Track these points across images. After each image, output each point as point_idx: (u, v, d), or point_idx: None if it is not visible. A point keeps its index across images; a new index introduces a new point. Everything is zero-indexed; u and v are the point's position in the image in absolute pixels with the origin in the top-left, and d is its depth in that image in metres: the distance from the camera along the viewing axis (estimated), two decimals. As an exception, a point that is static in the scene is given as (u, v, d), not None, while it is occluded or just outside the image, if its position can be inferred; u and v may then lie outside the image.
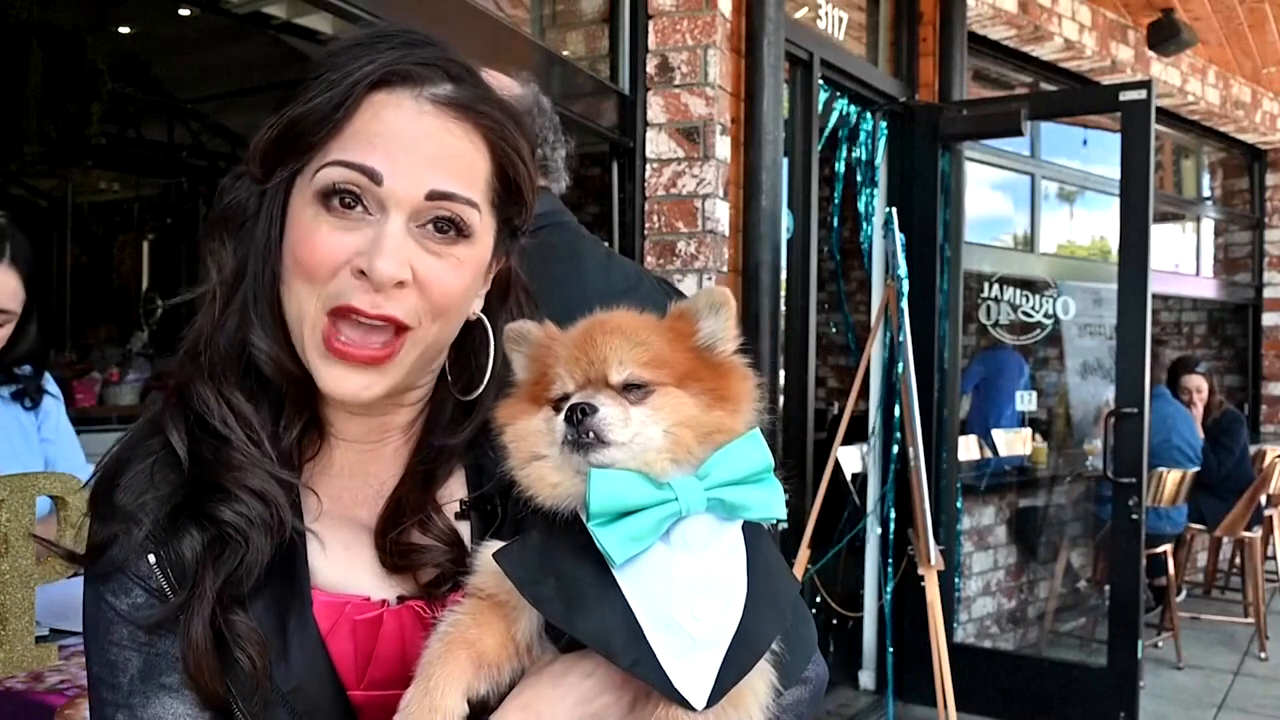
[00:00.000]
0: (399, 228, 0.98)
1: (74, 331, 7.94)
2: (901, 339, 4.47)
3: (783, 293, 4.40)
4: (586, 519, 0.89)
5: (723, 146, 3.86)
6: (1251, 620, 6.66)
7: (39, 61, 5.61)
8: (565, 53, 3.99)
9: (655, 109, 3.86)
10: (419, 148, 0.99)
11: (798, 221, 4.59)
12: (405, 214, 0.98)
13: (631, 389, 0.93)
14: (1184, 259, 8.85)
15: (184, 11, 6.11)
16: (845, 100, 5.14)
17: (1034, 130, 6.37)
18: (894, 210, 4.72)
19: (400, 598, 1.05)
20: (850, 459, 5.26)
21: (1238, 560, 7.57)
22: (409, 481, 1.08)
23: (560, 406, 0.93)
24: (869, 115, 5.28)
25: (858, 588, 5.39)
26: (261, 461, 1.01)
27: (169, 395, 1.06)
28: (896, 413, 4.77)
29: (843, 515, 5.25)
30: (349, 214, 0.98)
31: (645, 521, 0.89)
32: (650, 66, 3.86)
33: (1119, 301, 4.80)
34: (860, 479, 5.32)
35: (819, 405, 6.11)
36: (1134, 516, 4.76)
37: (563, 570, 0.91)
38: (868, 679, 5.40)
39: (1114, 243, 5.13)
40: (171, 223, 8.82)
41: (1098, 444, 5.78)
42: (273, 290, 1.02)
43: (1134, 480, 4.75)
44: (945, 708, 4.23)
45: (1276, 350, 8.90)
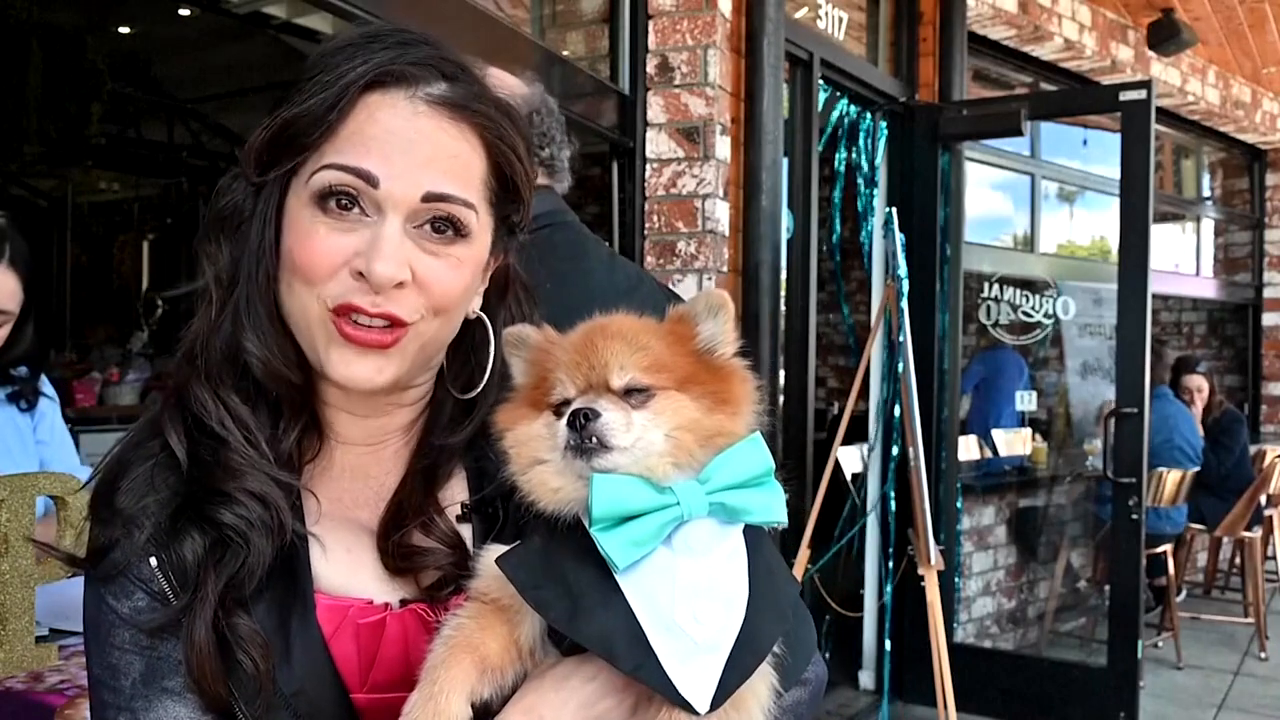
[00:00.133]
0: (396, 229, 0.98)
1: (74, 332, 7.95)
2: (901, 339, 4.46)
3: (783, 293, 4.40)
4: (589, 524, 0.89)
5: (723, 146, 3.85)
6: (1251, 620, 6.65)
7: (39, 61, 5.62)
8: (565, 53, 3.98)
9: (655, 109, 3.86)
10: (414, 149, 0.98)
11: (798, 221, 4.59)
12: (402, 216, 0.98)
13: (633, 393, 0.92)
14: (1184, 259, 8.84)
15: (184, 11, 6.11)
16: (845, 100, 5.14)
17: (1034, 130, 6.36)
18: (894, 210, 4.72)
19: (403, 601, 1.05)
20: (850, 459, 5.26)
21: (1238, 560, 7.57)
22: (410, 483, 1.08)
23: (561, 411, 0.93)
24: (869, 115, 5.28)
25: (858, 588, 5.38)
26: (260, 464, 1.00)
27: (167, 397, 1.05)
28: (896, 413, 4.77)
29: (842, 515, 5.25)
30: (346, 215, 0.98)
31: (647, 526, 0.89)
32: (650, 66, 3.86)
33: (1119, 301, 4.80)
34: (860, 479, 5.32)
35: (819, 405, 6.11)
36: (1134, 516, 4.76)
37: (565, 575, 0.90)
38: (868, 679, 5.39)
39: (1114, 243, 5.13)
40: (171, 223, 8.82)
41: (1098, 444, 5.78)
42: (268, 292, 1.02)
43: (1134, 480, 4.75)
44: (945, 708, 4.23)
45: (1276, 350, 8.90)
